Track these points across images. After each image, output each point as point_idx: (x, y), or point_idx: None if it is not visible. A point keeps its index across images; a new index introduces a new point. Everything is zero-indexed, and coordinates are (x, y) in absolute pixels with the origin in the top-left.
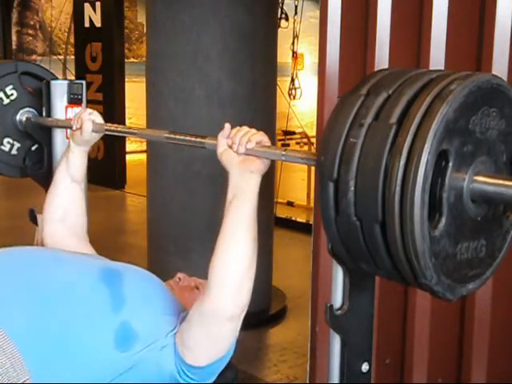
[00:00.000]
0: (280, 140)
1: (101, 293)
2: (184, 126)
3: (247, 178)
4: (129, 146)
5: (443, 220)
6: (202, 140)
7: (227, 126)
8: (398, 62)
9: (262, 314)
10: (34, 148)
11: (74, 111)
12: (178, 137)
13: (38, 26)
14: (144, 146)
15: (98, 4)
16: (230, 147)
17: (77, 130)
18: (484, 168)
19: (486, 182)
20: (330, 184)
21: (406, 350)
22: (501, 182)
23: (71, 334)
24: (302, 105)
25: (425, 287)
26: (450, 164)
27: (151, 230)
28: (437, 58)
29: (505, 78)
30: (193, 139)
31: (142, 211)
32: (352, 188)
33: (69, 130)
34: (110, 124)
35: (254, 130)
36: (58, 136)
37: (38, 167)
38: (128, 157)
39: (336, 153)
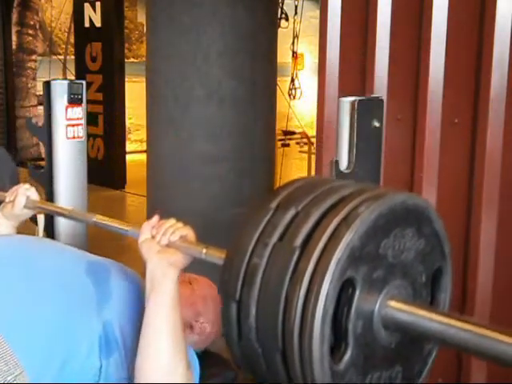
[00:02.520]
0: (280, 140)
1: (87, 288)
2: (184, 125)
3: (165, 270)
4: (129, 146)
5: (349, 351)
6: (126, 228)
7: (156, 216)
8: (398, 62)
9: None
10: None
11: (74, 111)
12: (104, 222)
13: (38, 26)
14: (144, 146)
15: (98, 4)
16: (153, 237)
17: (9, 203)
18: (398, 292)
19: (399, 309)
20: (232, 304)
21: None
22: (414, 310)
23: (59, 331)
24: (301, 105)
25: None
26: (357, 293)
27: None
28: (437, 58)
29: (505, 78)
30: (117, 226)
31: (142, 211)
32: (253, 312)
33: (68, 130)
34: (43, 202)
35: (180, 224)
36: (59, 136)
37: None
38: (128, 157)
39: (239, 272)
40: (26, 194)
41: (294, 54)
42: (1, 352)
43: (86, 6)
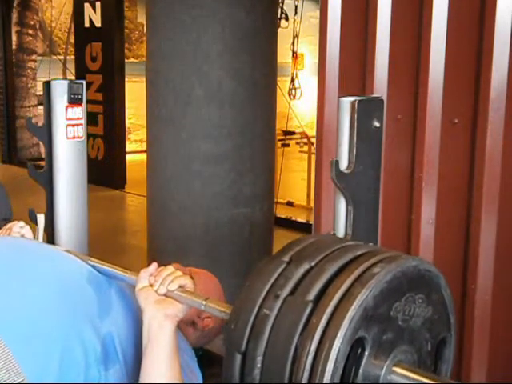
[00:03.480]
0: (280, 140)
1: (89, 295)
2: (184, 125)
3: (162, 322)
4: (129, 146)
5: None
6: (124, 274)
7: (154, 264)
8: (398, 62)
9: None
10: None
11: (74, 111)
12: (100, 266)
13: (38, 26)
14: (144, 146)
15: (98, 4)
16: (151, 285)
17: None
18: (405, 358)
19: (405, 376)
20: (237, 356)
21: None
22: (419, 377)
23: (60, 339)
24: (301, 105)
25: None
26: (366, 353)
27: (151, 230)
28: (437, 58)
29: (505, 78)
30: (114, 270)
31: (142, 211)
32: (259, 365)
33: (68, 130)
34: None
35: (179, 273)
36: (59, 136)
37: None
38: (128, 157)
39: (247, 323)
40: (20, 232)
41: (294, 54)
42: (3, 359)
43: (86, 5)
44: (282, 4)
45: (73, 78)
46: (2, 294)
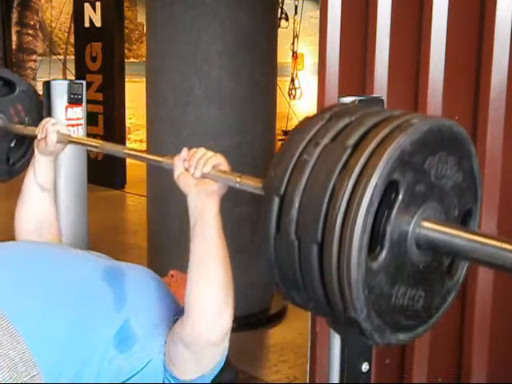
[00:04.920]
0: (280, 140)
1: (104, 292)
2: (184, 125)
3: (205, 201)
4: (129, 146)
5: (383, 254)
6: (159, 159)
7: (184, 149)
8: (398, 62)
9: (262, 313)
10: (13, 144)
11: (74, 111)
12: (136, 154)
13: (38, 26)
14: (144, 146)
15: (98, 4)
16: (187, 170)
17: (41, 140)
18: (434, 214)
19: (435, 229)
20: (275, 199)
21: (406, 350)
22: (450, 230)
23: (77, 332)
24: (301, 105)
25: (353, 323)
26: (400, 198)
27: (151, 230)
28: (437, 58)
29: (505, 78)
30: (150, 157)
31: (142, 211)
32: (296, 205)
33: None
34: (73, 135)
35: (210, 153)
36: None
37: (24, 162)
38: None
39: (287, 168)
40: (55, 129)
41: (294, 54)
42: (20, 352)
43: (86, 5)
44: (282, 4)
45: (73, 78)
46: (20, 290)
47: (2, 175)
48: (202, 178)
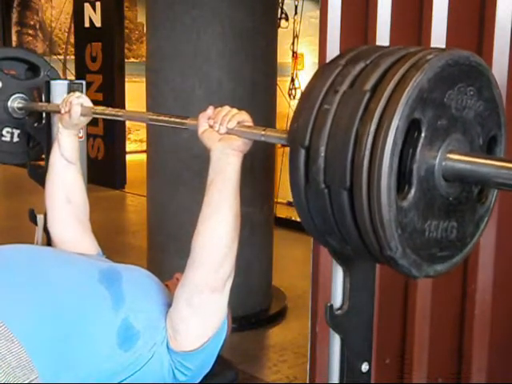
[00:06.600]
0: None
1: (102, 294)
2: None
3: (229, 155)
4: (129, 146)
5: (412, 192)
6: (184, 121)
7: (210, 107)
8: None
9: (262, 313)
10: (34, 126)
11: None
12: (160, 118)
13: (38, 26)
14: (144, 146)
15: (98, 4)
16: (212, 127)
17: (65, 114)
18: (458, 146)
19: (460, 160)
20: (301, 151)
21: (406, 350)
22: (475, 159)
23: (76, 336)
24: None
25: (390, 261)
26: (423, 135)
27: (151, 230)
28: None
29: (505, 78)
30: (174, 120)
31: (142, 211)
32: (322, 154)
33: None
34: (97, 107)
35: (235, 110)
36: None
37: (40, 148)
38: (128, 157)
39: (309, 119)
40: (79, 102)
41: (294, 54)
42: (17, 357)
43: (86, 5)
44: (282, 4)
45: (73, 78)
46: (17, 294)
47: (22, 158)
48: (226, 133)
